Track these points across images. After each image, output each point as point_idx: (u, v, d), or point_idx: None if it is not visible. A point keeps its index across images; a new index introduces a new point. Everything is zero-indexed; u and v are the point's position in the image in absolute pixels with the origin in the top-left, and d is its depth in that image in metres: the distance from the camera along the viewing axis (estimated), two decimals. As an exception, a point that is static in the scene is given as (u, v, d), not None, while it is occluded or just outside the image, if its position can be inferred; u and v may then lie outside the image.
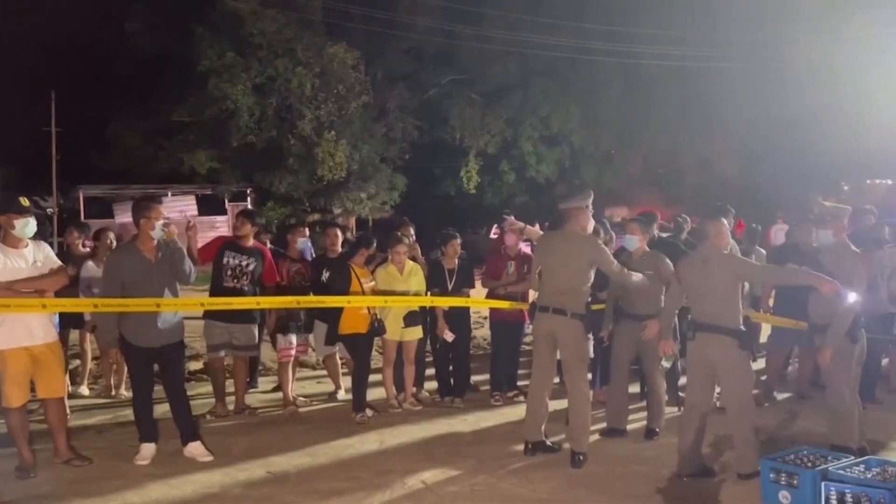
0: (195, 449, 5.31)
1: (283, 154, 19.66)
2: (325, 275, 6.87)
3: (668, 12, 20.81)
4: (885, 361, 7.54)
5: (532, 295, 6.35)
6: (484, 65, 22.23)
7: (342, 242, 7.23)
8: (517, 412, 6.63)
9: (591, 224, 5.45)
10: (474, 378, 7.55)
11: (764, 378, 7.14)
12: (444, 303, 6.73)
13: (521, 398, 7.02)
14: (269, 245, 7.24)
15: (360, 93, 19.12)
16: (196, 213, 24.21)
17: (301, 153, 19.17)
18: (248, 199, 22.57)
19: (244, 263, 6.43)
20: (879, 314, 6.19)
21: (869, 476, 4.36)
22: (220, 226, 21.98)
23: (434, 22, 21.04)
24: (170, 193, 23.36)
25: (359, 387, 6.46)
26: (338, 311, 6.43)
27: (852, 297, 4.91)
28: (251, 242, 6.58)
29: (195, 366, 8.40)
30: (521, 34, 21.13)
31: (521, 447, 5.59)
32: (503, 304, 6.88)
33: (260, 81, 19.54)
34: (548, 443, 5.45)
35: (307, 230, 7.53)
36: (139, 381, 5.30)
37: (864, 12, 18.80)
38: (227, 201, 23.35)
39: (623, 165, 24.19)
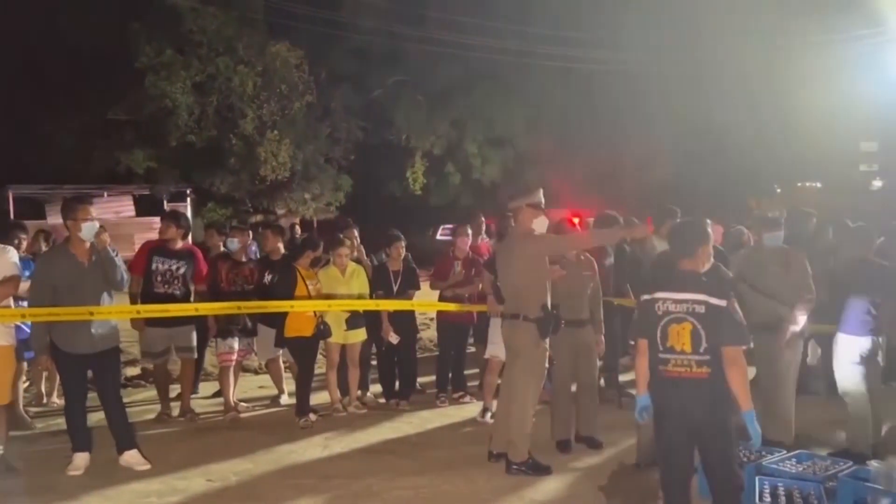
0: (131, 457, 5.16)
1: (224, 154, 19.28)
2: (268, 277, 6.78)
3: (608, 17, 21.21)
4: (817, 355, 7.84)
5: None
6: (429, 66, 22.24)
7: (289, 242, 7.14)
8: (463, 413, 6.68)
9: (543, 222, 5.15)
10: (420, 380, 7.53)
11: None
12: (390, 307, 6.69)
13: (468, 399, 7.06)
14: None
15: (303, 92, 18.90)
16: (133, 214, 23.55)
17: (243, 153, 18.83)
18: (188, 199, 22.04)
19: (174, 268, 6.29)
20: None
21: (800, 470, 4.53)
22: (158, 227, 21.35)
23: (379, 23, 20.96)
24: (106, 194, 22.61)
25: (302, 391, 6.37)
26: (283, 315, 6.33)
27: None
28: (180, 245, 6.43)
29: (132, 371, 8.16)
30: (465, 37, 21.24)
31: (467, 448, 5.62)
32: (449, 307, 6.88)
33: (200, 79, 19.11)
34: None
35: (249, 231, 7.40)
36: (71, 388, 5.10)
37: (798, 19, 19.52)
38: (165, 202, 22.75)
39: (566, 167, 24.52)
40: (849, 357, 5.41)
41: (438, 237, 20.67)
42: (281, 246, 7.11)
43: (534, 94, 23.38)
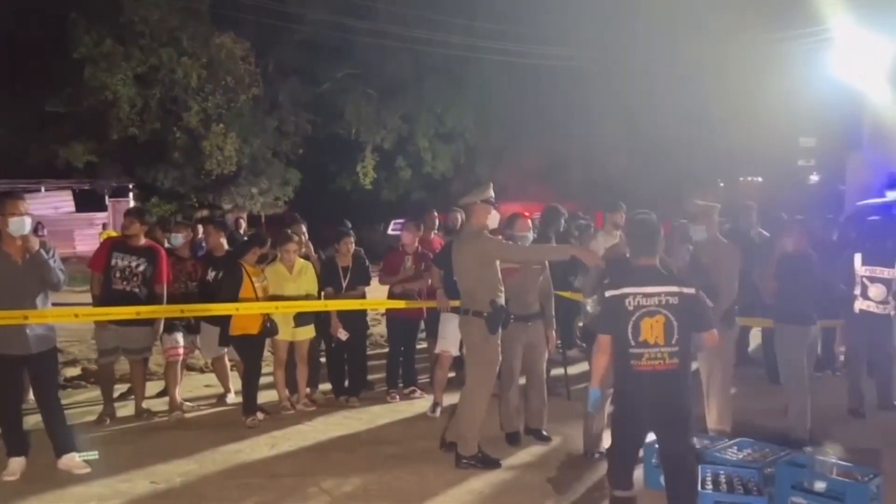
0: (70, 461, 4.99)
1: (168, 147, 18.81)
2: (212, 274, 6.66)
3: (557, 13, 21.41)
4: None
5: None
6: (379, 60, 22.10)
7: (230, 238, 7.01)
8: (414, 408, 6.68)
9: (495, 217, 5.27)
10: (371, 376, 7.49)
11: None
12: (339, 306, 6.61)
13: (418, 394, 7.05)
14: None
15: (249, 85, 18.55)
16: (73, 209, 22.87)
17: (187, 146, 18.41)
18: (130, 194, 21.48)
19: (134, 264, 6.11)
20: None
21: (741, 457, 4.66)
22: (100, 222, 20.82)
23: (327, 15, 20.71)
24: (43, 189, 21.95)
25: (249, 389, 6.26)
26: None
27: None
28: (142, 242, 6.26)
29: (72, 372, 7.91)
30: (415, 30, 21.16)
31: (418, 443, 5.62)
32: (398, 305, 6.85)
33: (142, 71, 18.59)
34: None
35: (193, 227, 7.24)
36: (6, 391, 4.91)
37: (741, 18, 19.99)
38: (107, 197, 22.15)
39: (516, 162, 24.71)
40: (790, 347, 5.60)
41: (390, 232, 20.60)
42: (224, 242, 6.97)
43: (484, 89, 23.47)
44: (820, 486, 4.16)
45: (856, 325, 6.60)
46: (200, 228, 8.02)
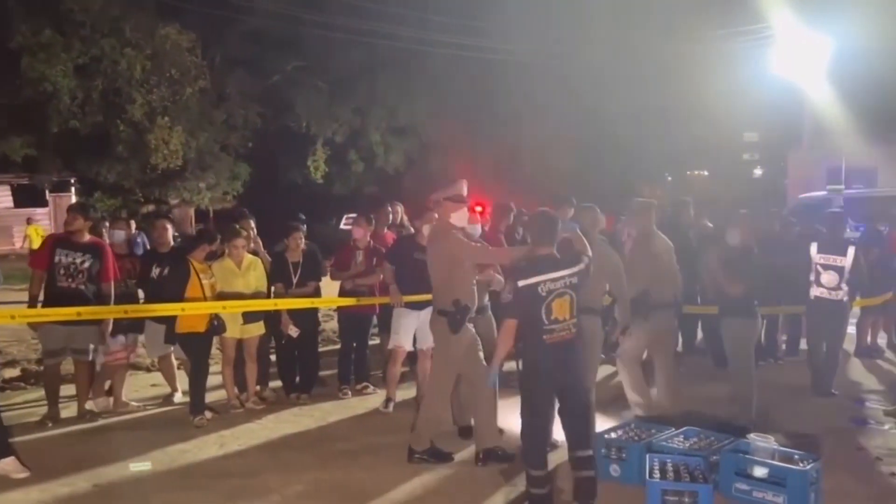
0: (8, 465, 4.82)
1: (112, 141, 18.26)
2: (156, 270, 6.50)
3: (510, 9, 21.47)
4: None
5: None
6: (329, 53, 21.84)
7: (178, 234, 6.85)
8: (367, 404, 6.63)
9: (462, 215, 5.14)
10: (323, 372, 7.42)
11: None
12: (288, 305, 6.50)
13: (371, 390, 7.01)
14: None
15: (196, 77, 18.12)
16: (11, 204, 22.08)
17: (131, 140, 17.91)
18: (72, 189, 20.80)
19: (78, 261, 5.93)
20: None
21: (687, 446, 4.75)
22: (40, 218, 20.12)
23: (275, 6, 20.37)
24: (-23, 184, 21.12)
25: (196, 388, 6.14)
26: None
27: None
28: (86, 238, 6.06)
29: (10, 373, 7.64)
30: (366, 23, 20.97)
31: (370, 438, 5.60)
32: (348, 303, 6.79)
33: (83, 62, 17.98)
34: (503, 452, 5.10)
35: (132, 223, 7.06)
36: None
37: (688, 15, 20.37)
38: (47, 192, 21.41)
39: (469, 157, 24.74)
40: (736, 339, 5.74)
41: (342, 226, 20.41)
42: (171, 237, 6.81)
43: (437, 83, 23.43)
44: (761, 472, 4.28)
45: (812, 312, 6.93)
46: (133, 225, 7.83)
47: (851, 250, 6.75)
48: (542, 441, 4.32)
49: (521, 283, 4.05)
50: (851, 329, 7.91)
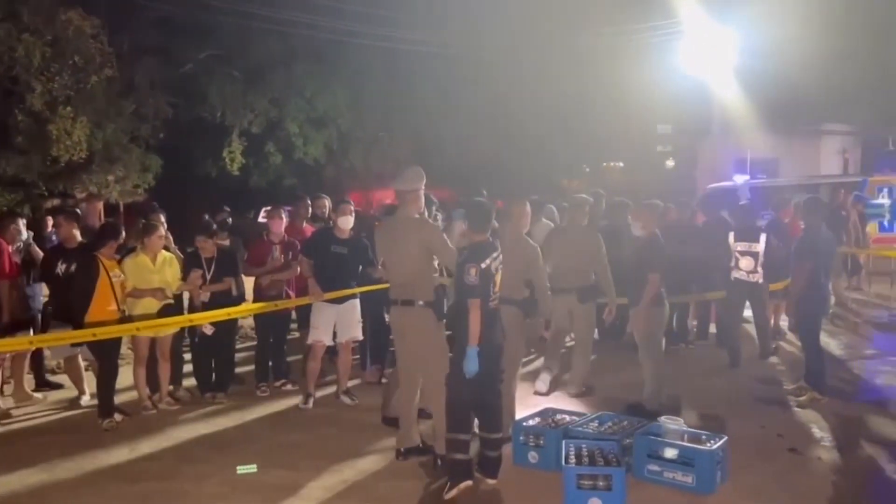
0: None
1: (10, 132, 17.18)
2: (62, 267, 6.20)
3: (430, 0, 21.43)
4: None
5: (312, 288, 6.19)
6: (243, 41, 21.20)
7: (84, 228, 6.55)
8: (286, 402, 6.52)
9: (420, 207, 5.05)
10: (240, 369, 7.25)
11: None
12: (203, 319, 6.29)
13: (290, 387, 6.89)
14: None
15: (101, 65, 17.19)
16: None
17: (31, 131, 16.86)
18: (-33, 183, 19.50)
19: None
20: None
21: (601, 430, 4.89)
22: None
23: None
24: None
25: (105, 390, 5.90)
26: (82, 307, 5.79)
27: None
28: None
29: None
30: (282, 11, 20.48)
31: (289, 436, 5.51)
32: (266, 308, 6.63)
33: (-24, 49, 16.84)
34: (423, 446, 5.03)
35: (21, 219, 6.71)
36: None
37: (602, 10, 20.81)
38: (-62, 187, 20.00)
39: (390, 148, 24.60)
40: (646, 326, 5.93)
41: (261, 219, 19.95)
42: (77, 233, 6.50)
43: (358, 75, 23.14)
44: (671, 453, 4.44)
45: (733, 293, 7.71)
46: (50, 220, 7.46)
47: (763, 237, 7.45)
48: (469, 405, 4.49)
49: (483, 265, 4.42)
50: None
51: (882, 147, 22.61)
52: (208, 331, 6.45)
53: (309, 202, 8.00)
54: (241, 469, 4.81)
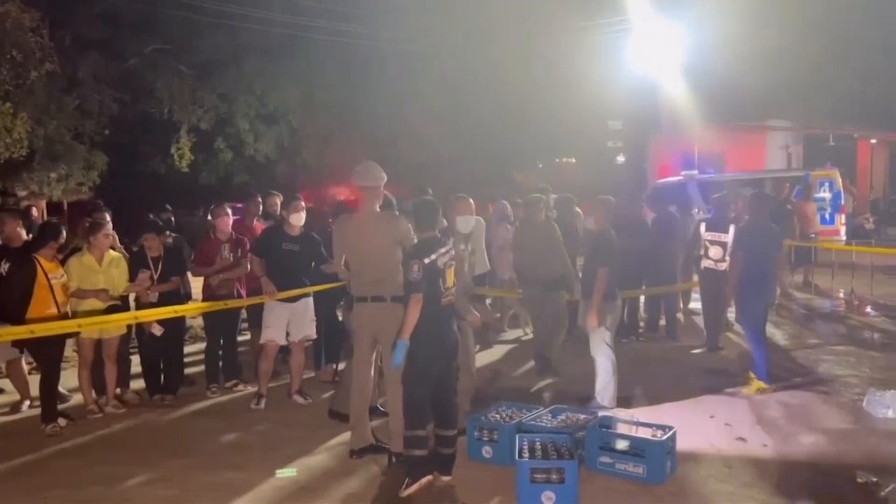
0: None
1: (-54, 129, 16.58)
2: (5, 266, 5.98)
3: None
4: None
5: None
6: (192, 36, 20.75)
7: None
8: (237, 402, 6.42)
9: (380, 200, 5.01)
10: (190, 371, 7.11)
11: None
12: (150, 317, 6.15)
13: (241, 387, 6.79)
14: None
15: (42, 60, 16.61)
16: None
17: (-32, 128, 16.32)
18: None
19: None
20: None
21: (555, 424, 4.93)
22: None
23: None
24: None
25: (48, 394, 5.72)
26: (20, 309, 5.60)
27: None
28: None
29: None
30: (231, 5, 20.11)
31: (241, 437, 5.42)
32: (218, 307, 6.51)
33: None
34: (376, 444, 4.98)
35: None
36: None
37: (556, 5, 20.97)
38: None
39: (344, 145, 24.40)
40: (598, 319, 5.98)
41: (210, 217, 19.57)
42: (22, 232, 6.27)
43: (307, 71, 22.87)
44: (623, 444, 4.51)
45: (703, 280, 8.05)
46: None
47: (732, 228, 7.59)
48: (426, 401, 4.46)
49: (427, 261, 4.37)
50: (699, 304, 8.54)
51: (823, 142, 23.39)
52: (157, 332, 6.31)
53: (260, 200, 7.89)
54: (281, 473, 4.73)
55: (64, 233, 6.05)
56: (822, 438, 5.24)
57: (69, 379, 6.34)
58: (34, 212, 10.79)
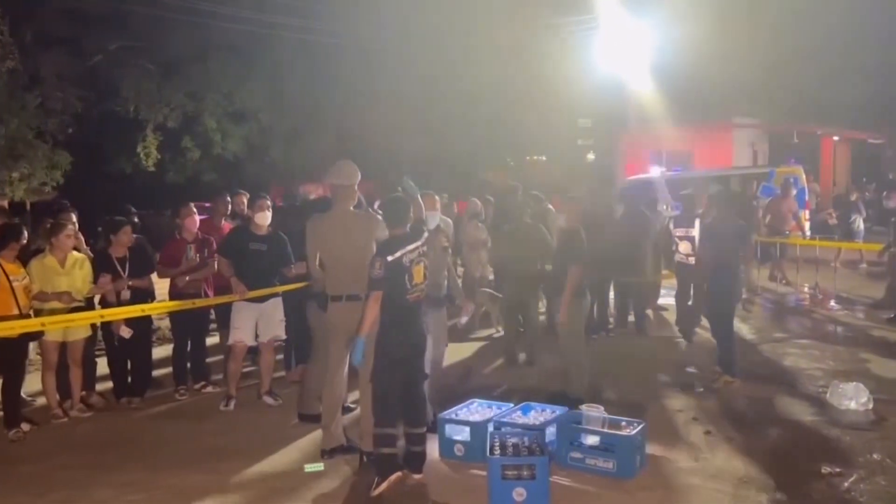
0: None
1: None
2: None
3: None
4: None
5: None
6: (157, 33, 20.45)
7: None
8: (207, 404, 6.35)
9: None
10: (158, 372, 7.01)
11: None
12: (117, 315, 6.04)
13: (210, 389, 6.71)
14: None
15: (2, 57, 16.31)
16: None
17: (-73, 127, 15.92)
18: None
19: None
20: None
21: (525, 420, 4.96)
22: None
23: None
24: None
25: (10, 398, 5.59)
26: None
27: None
28: None
29: None
30: (197, 2, 19.85)
31: (210, 440, 5.36)
32: (185, 307, 6.42)
33: None
34: (348, 444, 4.95)
35: None
36: None
37: (523, 5, 21.04)
38: None
39: (313, 143, 24.23)
40: (569, 316, 6.04)
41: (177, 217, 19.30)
42: None
43: (274, 68, 22.68)
44: (593, 440, 4.55)
45: (677, 273, 8.38)
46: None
47: (697, 222, 7.86)
48: (395, 399, 4.45)
49: (390, 259, 4.34)
50: (671, 300, 8.64)
51: (788, 140, 23.81)
52: (126, 334, 6.20)
53: (228, 199, 7.80)
54: (309, 468, 4.73)
55: (25, 234, 5.91)
56: (787, 431, 5.34)
57: (33, 383, 6.21)
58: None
